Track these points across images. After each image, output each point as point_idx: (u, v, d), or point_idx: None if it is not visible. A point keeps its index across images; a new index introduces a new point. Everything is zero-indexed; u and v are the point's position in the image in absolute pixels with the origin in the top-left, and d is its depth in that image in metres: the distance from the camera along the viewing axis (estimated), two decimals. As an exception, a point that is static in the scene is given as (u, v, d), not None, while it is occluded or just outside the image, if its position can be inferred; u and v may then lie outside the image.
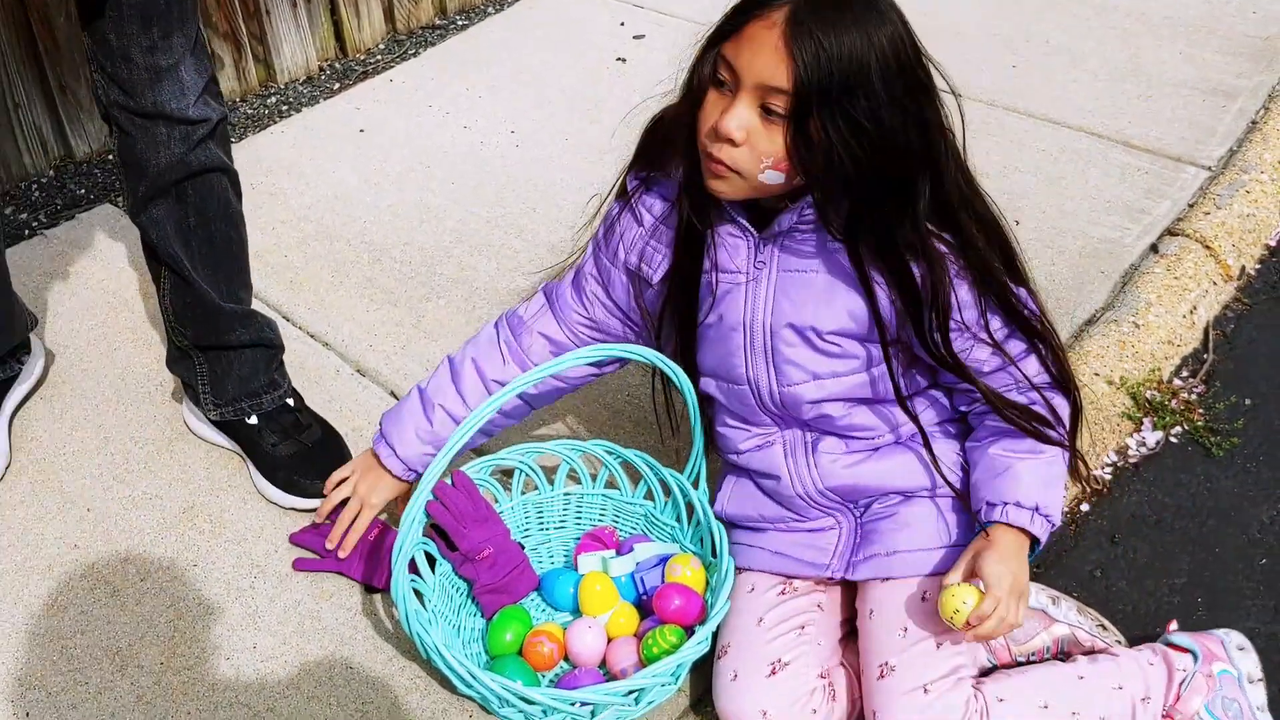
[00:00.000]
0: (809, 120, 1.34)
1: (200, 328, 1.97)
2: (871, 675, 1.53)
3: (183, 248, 1.90)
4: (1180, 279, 2.41)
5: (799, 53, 1.31)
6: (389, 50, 3.51)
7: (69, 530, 1.94)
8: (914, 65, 1.38)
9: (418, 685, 1.69)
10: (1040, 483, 1.53)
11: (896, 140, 1.37)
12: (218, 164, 1.87)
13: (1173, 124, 2.88)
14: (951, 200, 1.45)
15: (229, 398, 2.01)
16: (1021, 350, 1.56)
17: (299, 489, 1.96)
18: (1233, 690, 1.65)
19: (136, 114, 1.78)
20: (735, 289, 1.57)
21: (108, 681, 1.72)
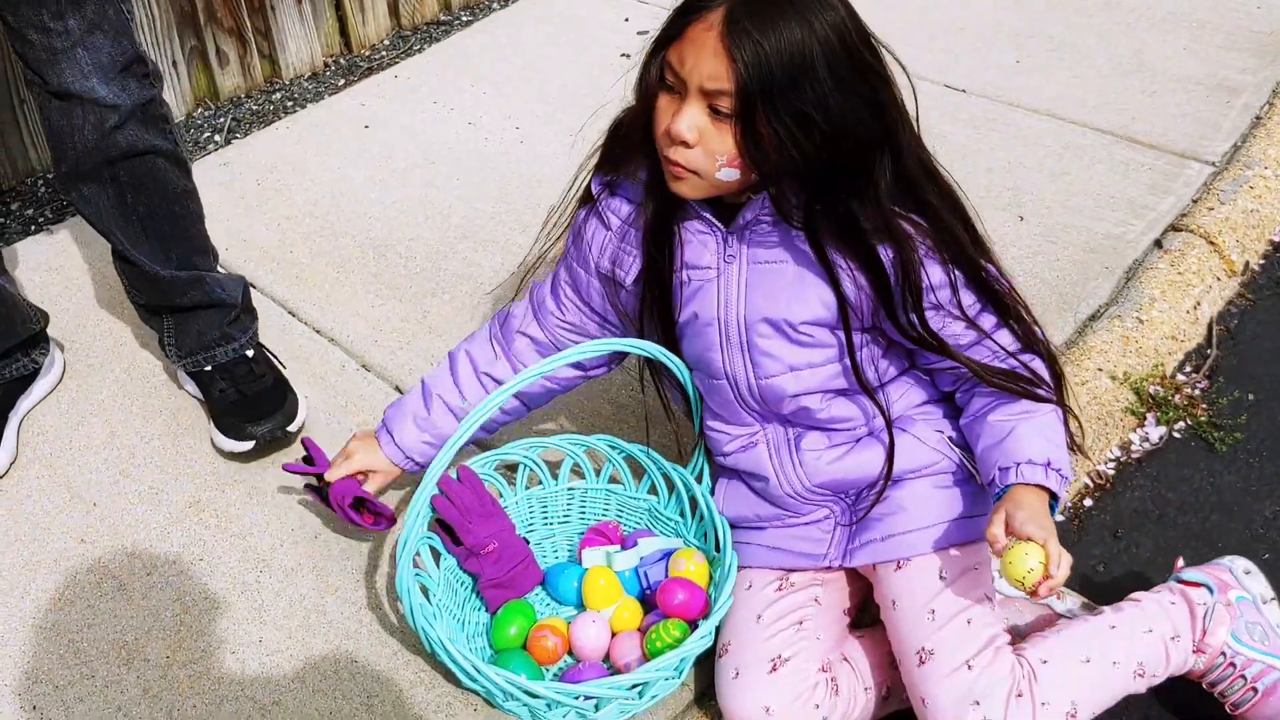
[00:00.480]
0: (756, 117, 1.35)
1: (149, 294, 2.08)
2: (910, 663, 1.53)
3: (119, 225, 1.97)
4: (1184, 274, 2.41)
5: (737, 53, 1.31)
6: (394, 46, 3.51)
7: (75, 525, 1.95)
8: (860, 48, 1.37)
9: (423, 679, 1.70)
10: (1045, 439, 1.52)
11: (848, 127, 1.37)
12: (148, 146, 1.90)
13: (1177, 119, 2.88)
14: (913, 177, 1.46)
15: (188, 350, 2.11)
16: (994, 323, 1.56)
17: (236, 432, 2.03)
18: (1252, 614, 1.67)
19: (49, 93, 1.83)
20: (707, 285, 1.58)
21: (114, 675, 1.73)
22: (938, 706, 1.48)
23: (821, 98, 1.34)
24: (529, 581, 1.77)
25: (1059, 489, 1.51)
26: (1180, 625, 1.63)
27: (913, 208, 1.48)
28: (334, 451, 1.86)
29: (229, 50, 3.19)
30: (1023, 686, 1.49)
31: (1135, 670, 1.57)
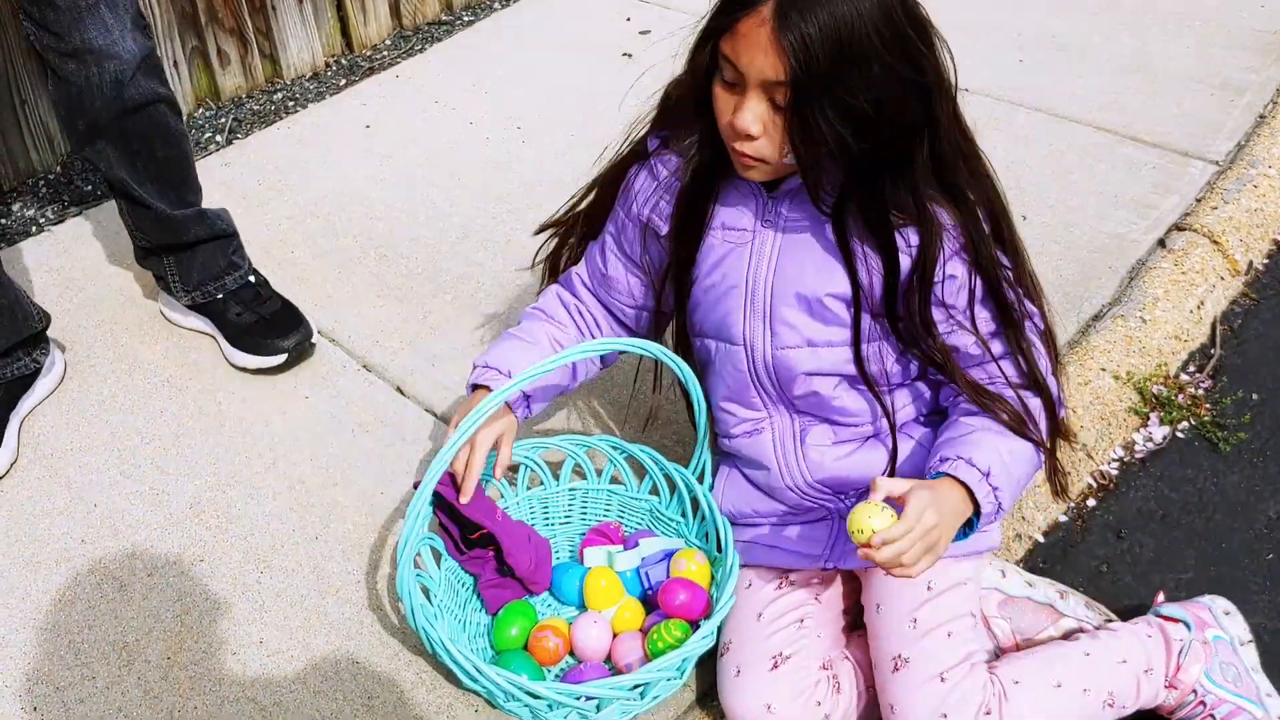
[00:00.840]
0: (806, 109, 1.33)
1: (158, 234, 2.19)
2: (885, 669, 1.53)
3: (129, 171, 2.09)
4: (1187, 274, 2.40)
5: (790, 46, 1.29)
6: (395, 46, 3.51)
7: (76, 525, 1.95)
8: (908, 27, 1.34)
9: (424, 680, 1.70)
10: (999, 456, 1.47)
11: (894, 111, 1.35)
12: (155, 95, 2.03)
13: (1180, 119, 2.87)
14: (948, 159, 1.43)
15: (196, 283, 2.25)
16: (1003, 349, 1.53)
17: (261, 349, 2.21)
18: (1228, 654, 1.68)
19: (68, 55, 1.92)
20: (740, 247, 1.56)
21: (115, 676, 1.72)
22: (906, 715, 1.49)
23: (871, 86, 1.32)
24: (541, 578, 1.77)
25: (985, 503, 1.44)
26: (1155, 659, 1.63)
27: (946, 192, 1.45)
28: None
29: (230, 50, 3.19)
30: (992, 705, 1.49)
31: (1105, 700, 1.58)
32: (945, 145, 1.41)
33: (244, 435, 2.11)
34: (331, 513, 1.95)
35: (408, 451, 2.06)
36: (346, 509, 1.96)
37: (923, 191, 1.42)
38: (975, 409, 1.53)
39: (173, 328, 2.35)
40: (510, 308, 2.38)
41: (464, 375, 2.19)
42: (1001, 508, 1.46)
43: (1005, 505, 1.47)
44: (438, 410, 2.14)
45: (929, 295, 1.47)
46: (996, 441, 1.49)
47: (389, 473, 2.02)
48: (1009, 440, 1.50)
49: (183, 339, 2.33)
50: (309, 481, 2.01)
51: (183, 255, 2.23)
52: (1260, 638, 1.76)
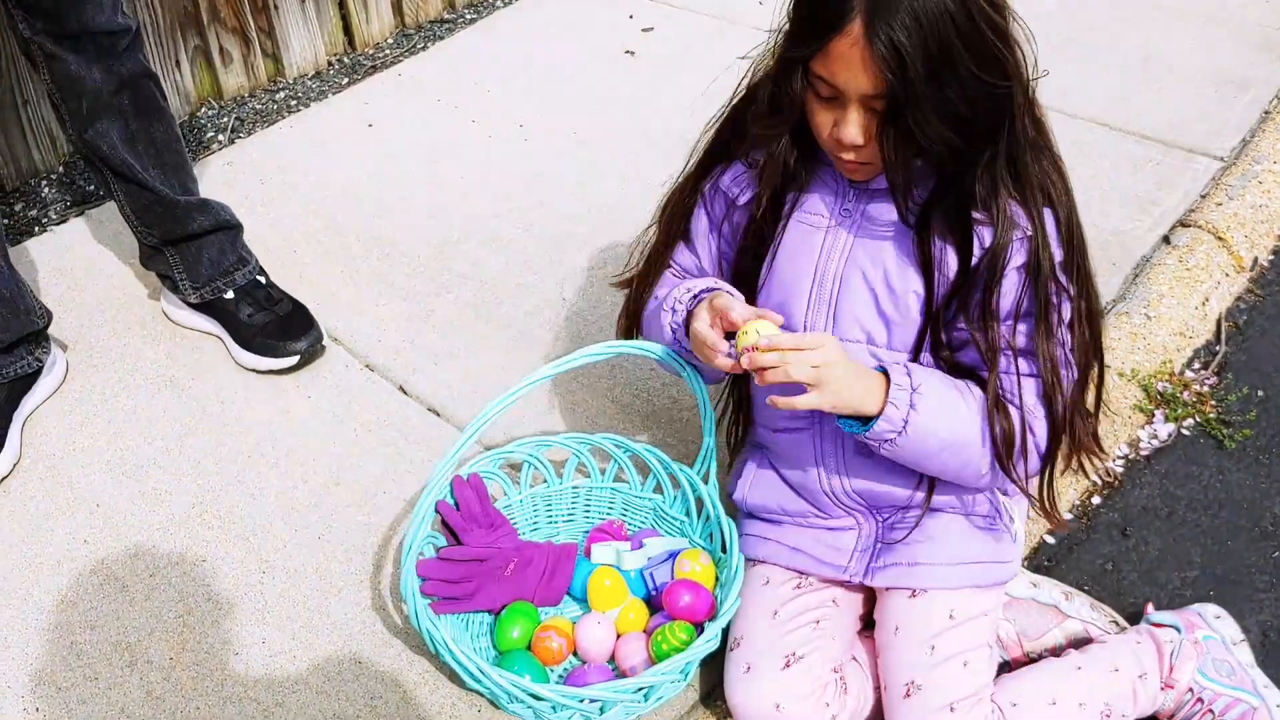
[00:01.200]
0: (904, 118, 1.32)
1: (164, 225, 2.18)
2: (896, 693, 1.53)
3: (131, 153, 2.10)
4: (1192, 270, 2.39)
5: (884, 61, 1.28)
6: (397, 44, 3.50)
7: (79, 526, 1.95)
8: (991, 20, 1.32)
9: (426, 680, 1.69)
10: (940, 394, 1.42)
11: (986, 110, 1.34)
12: (142, 69, 2.06)
13: (1185, 115, 2.86)
14: (1021, 151, 1.40)
15: (204, 279, 2.24)
16: (1028, 369, 1.47)
17: (272, 351, 2.20)
18: (1220, 652, 1.68)
19: (64, 37, 1.95)
20: (814, 233, 1.54)
21: (117, 678, 1.72)
22: None
23: (964, 86, 1.31)
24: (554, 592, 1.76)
25: (890, 409, 1.39)
26: (1147, 663, 1.63)
27: (1018, 190, 1.42)
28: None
29: (232, 49, 3.19)
30: None
31: (1102, 711, 1.57)
32: (1020, 137, 1.39)
33: (247, 435, 2.11)
34: (334, 513, 1.95)
35: (410, 451, 2.05)
36: (349, 509, 1.95)
37: (1001, 187, 1.41)
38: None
39: (175, 327, 2.35)
40: (512, 306, 2.37)
41: (466, 374, 2.20)
42: (904, 431, 1.41)
43: (910, 433, 1.41)
44: (440, 409, 2.14)
45: (994, 295, 1.43)
46: (955, 397, 1.44)
47: (391, 473, 2.01)
48: (970, 410, 1.44)
49: (185, 339, 2.32)
50: (312, 481, 2.01)
51: (189, 248, 2.22)
52: (1267, 635, 1.76)
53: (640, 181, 2.73)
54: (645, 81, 3.16)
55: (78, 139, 2.08)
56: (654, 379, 2.17)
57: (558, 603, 1.77)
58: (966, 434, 1.44)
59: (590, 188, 2.73)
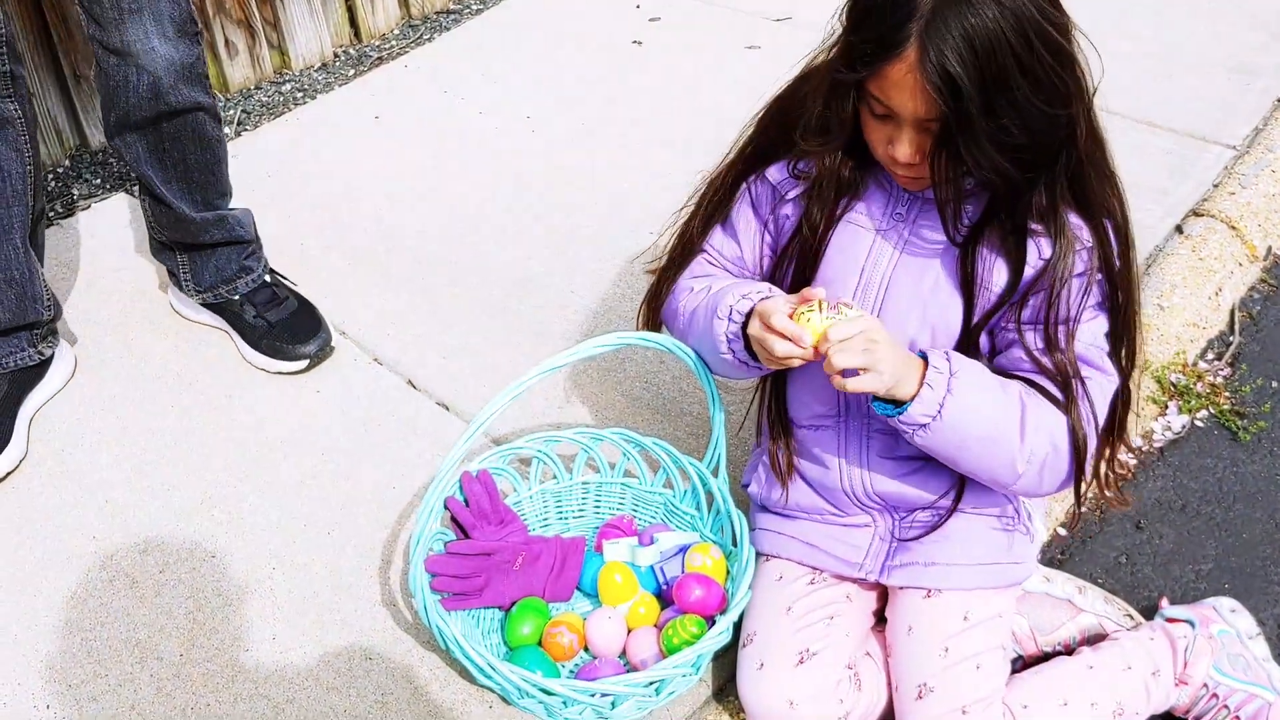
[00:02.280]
0: (958, 143, 1.31)
1: (176, 233, 2.19)
2: (908, 695, 1.52)
3: (156, 170, 2.10)
4: (1205, 260, 2.38)
5: (938, 87, 1.27)
6: (403, 35, 3.49)
7: (87, 521, 1.94)
8: (1049, 41, 1.31)
9: (437, 676, 1.69)
10: (979, 383, 1.40)
11: (1044, 132, 1.32)
12: (194, 104, 2.04)
13: (1196, 102, 2.84)
14: (1083, 167, 1.38)
15: (208, 285, 2.25)
16: (1081, 374, 1.45)
17: (281, 353, 2.20)
18: (1236, 647, 1.67)
19: (108, 49, 1.95)
20: (862, 236, 1.52)
21: (128, 674, 1.71)
22: None
23: (1019, 110, 1.29)
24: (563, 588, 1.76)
25: (926, 391, 1.37)
26: (1161, 660, 1.62)
27: (1079, 203, 1.41)
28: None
29: (238, 41, 3.17)
30: None
31: (1114, 711, 1.56)
32: (1082, 154, 1.37)
33: (256, 430, 2.10)
34: (344, 508, 1.94)
35: (419, 445, 2.05)
36: (359, 504, 1.95)
37: (1061, 203, 1.39)
38: None
39: (183, 322, 2.34)
40: (520, 298, 2.36)
41: (475, 368, 2.19)
42: (939, 415, 1.38)
43: (945, 418, 1.38)
44: (449, 404, 2.13)
45: (1056, 305, 1.42)
46: (994, 387, 1.41)
47: (400, 467, 2.01)
48: (1009, 402, 1.41)
49: (193, 333, 2.32)
50: (321, 476, 2.00)
51: (197, 255, 2.22)
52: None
53: (649, 172, 2.72)
54: (653, 72, 3.14)
55: (107, 139, 2.09)
56: (664, 370, 2.16)
57: (568, 598, 1.76)
58: (1003, 427, 1.41)
59: (599, 179, 2.72)
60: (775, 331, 1.40)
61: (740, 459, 1.93)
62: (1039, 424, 1.41)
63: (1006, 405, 1.41)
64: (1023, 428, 1.41)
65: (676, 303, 1.65)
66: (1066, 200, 1.40)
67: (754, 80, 2.93)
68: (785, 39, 3.12)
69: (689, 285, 1.64)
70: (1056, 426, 1.42)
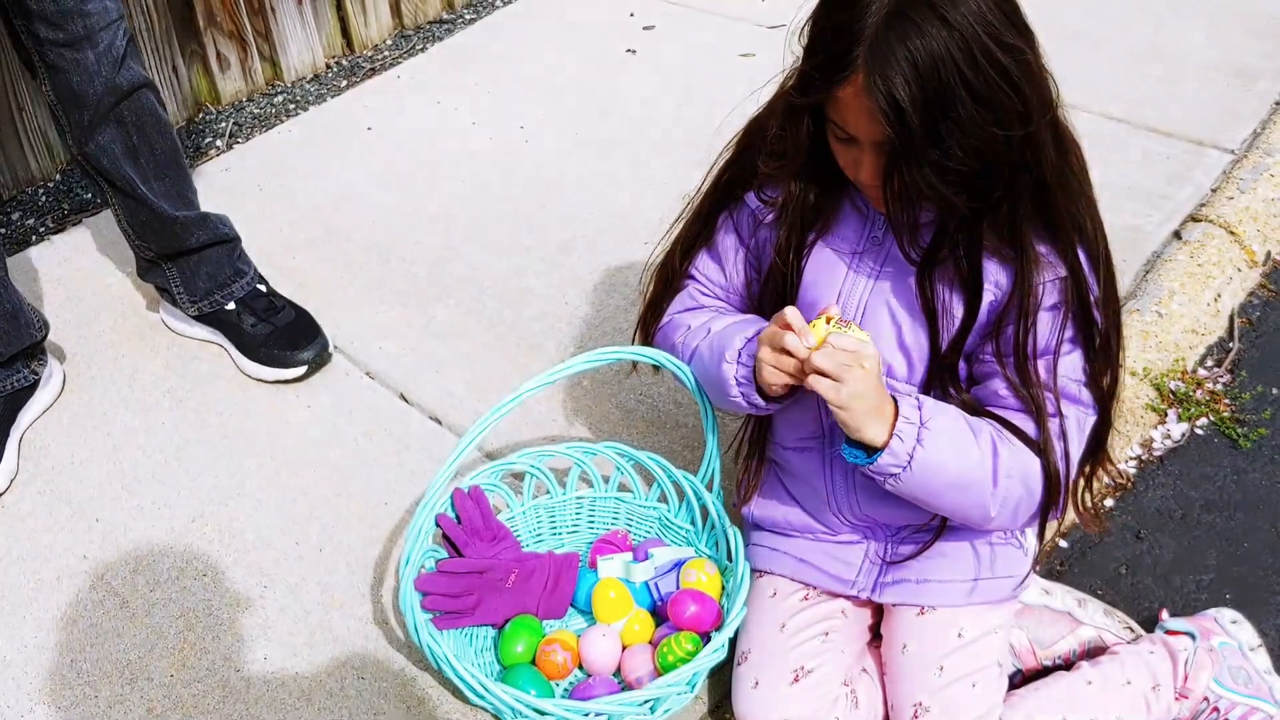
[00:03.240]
0: (904, 167, 1.28)
1: (161, 240, 2.16)
2: (904, 714, 1.50)
3: (133, 167, 2.08)
4: (1204, 266, 2.36)
5: (882, 111, 1.24)
6: (396, 46, 3.48)
7: (78, 541, 1.92)
8: (999, 59, 1.25)
9: (430, 695, 1.67)
10: (951, 433, 1.37)
11: (996, 156, 1.28)
12: (141, 80, 2.04)
13: (1194, 107, 2.83)
14: (1047, 187, 1.34)
15: (202, 293, 2.23)
16: (1054, 408, 1.41)
17: (279, 361, 2.19)
18: (1237, 659, 1.66)
19: (66, 46, 1.93)
20: (839, 260, 1.50)
21: (118, 695, 1.70)
22: None
23: (967, 133, 1.25)
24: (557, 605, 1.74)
25: (895, 442, 1.34)
26: (1161, 674, 1.61)
27: (1045, 225, 1.36)
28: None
29: (229, 54, 3.16)
30: None
31: None
32: (1047, 174, 1.33)
33: (246, 446, 2.08)
34: (335, 525, 1.93)
35: (412, 461, 2.03)
36: (350, 521, 1.93)
37: (1022, 228, 1.35)
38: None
39: (174, 337, 2.33)
40: (514, 311, 2.34)
41: (467, 382, 2.17)
42: (908, 467, 1.35)
43: (915, 469, 1.35)
44: (441, 418, 2.11)
45: (1028, 335, 1.38)
46: (966, 436, 1.38)
47: (393, 483, 1.99)
48: (982, 451, 1.38)
49: (184, 349, 2.30)
50: (312, 493, 1.98)
51: (186, 263, 2.20)
52: (1284, 640, 1.72)
53: (643, 182, 2.70)
54: (646, 80, 3.13)
55: (78, 151, 2.06)
56: (658, 384, 2.14)
57: (562, 615, 1.74)
58: (975, 475, 1.38)
59: (592, 189, 2.71)
60: (784, 324, 1.38)
61: (735, 472, 1.91)
62: (1011, 469, 1.39)
63: (978, 454, 1.38)
64: (995, 474, 1.38)
65: (673, 337, 1.64)
66: (1033, 225, 1.36)
67: (748, 88, 2.92)
68: (779, 47, 3.09)
69: (685, 322, 1.63)
70: (1029, 469, 1.40)
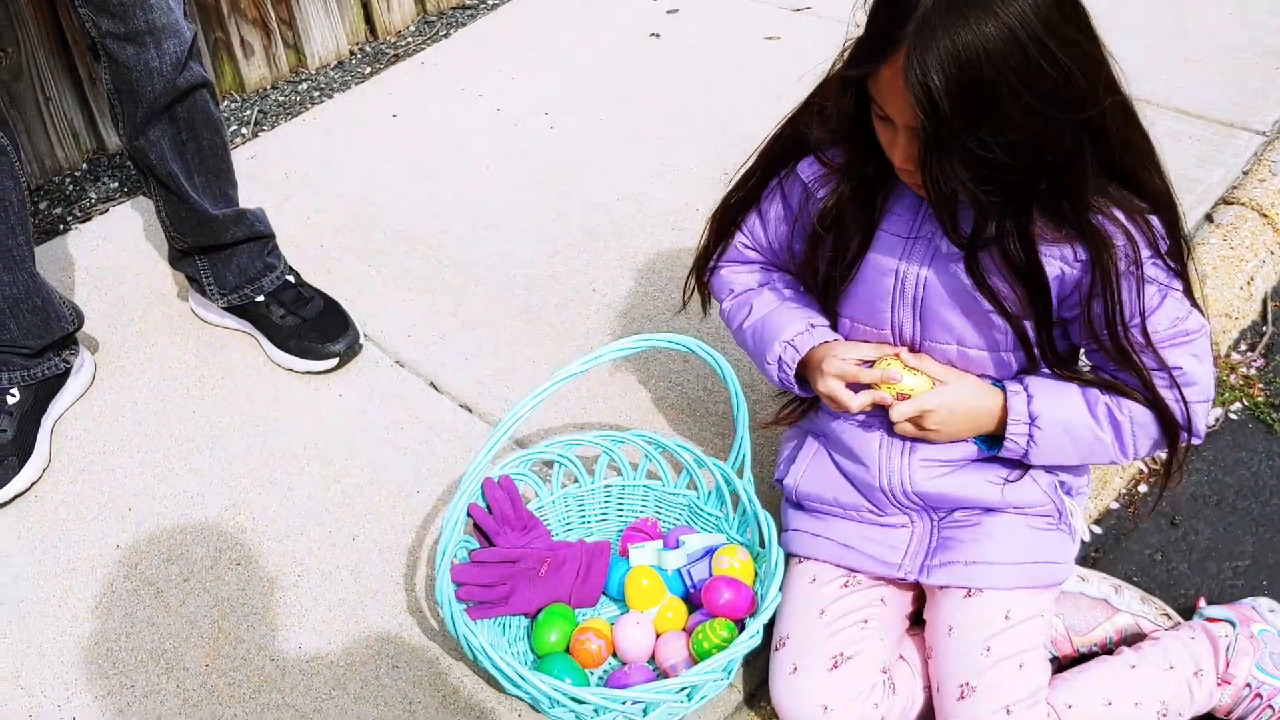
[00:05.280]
0: (938, 155, 1.27)
1: (197, 235, 2.17)
2: (949, 694, 1.49)
3: (179, 163, 2.08)
4: (1236, 249, 2.34)
5: (915, 96, 1.23)
6: (419, 32, 3.47)
7: (111, 530, 1.93)
8: (1051, 51, 1.22)
9: (465, 685, 1.67)
10: (1064, 421, 1.46)
11: (1042, 149, 1.27)
12: (200, 80, 2.04)
13: (1224, 88, 2.80)
14: (1113, 162, 1.34)
15: (232, 286, 2.23)
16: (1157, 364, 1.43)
17: (310, 353, 2.19)
18: (1277, 645, 1.65)
19: (127, 39, 1.92)
20: (895, 242, 1.49)
21: (153, 684, 1.70)
22: None
23: (1010, 129, 1.24)
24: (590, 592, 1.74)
25: (1009, 442, 1.48)
26: (1202, 660, 1.60)
27: (1117, 196, 1.37)
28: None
29: (254, 41, 3.16)
30: None
31: (1158, 710, 1.54)
32: (1111, 150, 1.34)
33: (277, 435, 2.09)
34: (368, 513, 1.93)
35: (442, 449, 2.03)
36: (383, 509, 1.93)
37: (1089, 204, 1.34)
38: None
39: (205, 326, 2.33)
40: (541, 298, 2.34)
41: (496, 369, 2.17)
42: (1027, 457, 1.49)
43: (1034, 458, 1.50)
44: (471, 406, 2.11)
45: (1120, 310, 1.38)
46: (1078, 412, 1.47)
47: (424, 471, 1.99)
48: (1098, 425, 1.47)
49: (214, 338, 2.30)
50: (344, 482, 1.99)
51: (218, 256, 2.20)
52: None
53: (668, 166, 2.69)
54: (671, 65, 3.11)
55: (128, 144, 2.06)
56: (688, 370, 2.14)
57: (594, 604, 1.74)
58: (1099, 448, 1.49)
59: (617, 174, 2.70)
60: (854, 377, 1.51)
61: (765, 459, 1.91)
62: (1133, 431, 1.48)
63: (1095, 433, 1.48)
64: (1120, 442, 1.48)
65: (722, 296, 1.71)
66: (1100, 201, 1.36)
67: (773, 72, 2.91)
68: (805, 30, 3.08)
69: (730, 283, 1.70)
70: (1151, 425, 1.47)
